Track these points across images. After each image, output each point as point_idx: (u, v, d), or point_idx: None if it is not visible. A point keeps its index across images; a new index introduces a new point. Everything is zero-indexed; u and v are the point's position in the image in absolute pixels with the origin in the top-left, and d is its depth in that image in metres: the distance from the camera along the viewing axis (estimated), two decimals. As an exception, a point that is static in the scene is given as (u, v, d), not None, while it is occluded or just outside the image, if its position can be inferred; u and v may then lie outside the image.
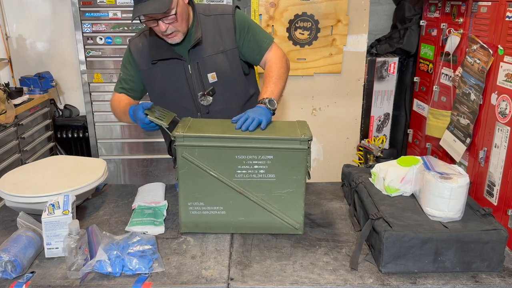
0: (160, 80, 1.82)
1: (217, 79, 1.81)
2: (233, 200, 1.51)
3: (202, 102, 1.82)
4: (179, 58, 1.78)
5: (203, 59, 1.78)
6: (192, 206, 1.52)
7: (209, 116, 1.83)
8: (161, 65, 1.80)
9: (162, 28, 1.64)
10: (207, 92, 1.80)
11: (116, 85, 1.92)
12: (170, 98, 1.84)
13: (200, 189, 1.51)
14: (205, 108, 1.83)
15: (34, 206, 1.57)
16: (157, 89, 1.85)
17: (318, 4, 3.24)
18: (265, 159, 1.47)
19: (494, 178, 2.31)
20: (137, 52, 1.83)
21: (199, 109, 1.84)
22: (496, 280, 1.31)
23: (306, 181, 1.52)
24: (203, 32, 1.77)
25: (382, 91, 3.51)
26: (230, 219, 1.54)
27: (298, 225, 1.54)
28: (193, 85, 1.81)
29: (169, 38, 1.70)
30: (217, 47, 1.79)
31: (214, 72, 1.79)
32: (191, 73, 1.79)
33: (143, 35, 1.84)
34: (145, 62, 1.82)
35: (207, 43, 1.78)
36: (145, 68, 1.82)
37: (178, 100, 1.83)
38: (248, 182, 1.50)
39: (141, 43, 1.83)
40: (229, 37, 1.79)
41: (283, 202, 1.52)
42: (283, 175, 1.49)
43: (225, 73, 1.80)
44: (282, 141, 1.46)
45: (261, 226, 1.55)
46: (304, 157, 1.47)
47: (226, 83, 1.82)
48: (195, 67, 1.79)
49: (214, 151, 1.47)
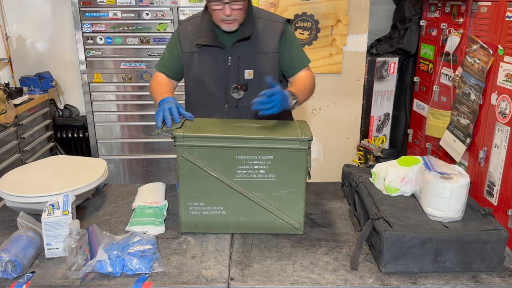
0: (199, 65, 1.87)
1: (253, 77, 1.86)
2: (233, 200, 1.51)
3: (234, 95, 1.86)
4: (222, 48, 1.83)
5: (245, 55, 1.84)
6: (192, 206, 1.52)
7: (237, 111, 1.87)
8: (204, 51, 1.85)
9: (227, 11, 1.70)
10: (241, 86, 1.85)
11: (158, 63, 1.99)
12: (203, 84, 1.88)
13: (200, 189, 1.51)
14: (234, 102, 1.87)
15: (34, 206, 1.57)
16: (194, 73, 1.89)
17: (318, 4, 3.24)
18: (265, 159, 1.47)
19: (494, 178, 2.31)
20: (184, 34, 1.89)
21: (228, 101, 1.87)
22: (496, 280, 1.31)
23: (307, 181, 1.52)
24: (253, 30, 1.83)
25: (382, 91, 3.51)
26: (230, 219, 1.54)
27: (298, 225, 1.54)
28: (229, 77, 1.85)
29: (227, 24, 1.75)
30: (261, 48, 1.85)
31: (252, 70, 1.85)
32: (229, 64, 1.84)
33: (193, 20, 1.91)
34: (189, 44, 1.87)
35: (253, 41, 1.84)
36: (188, 50, 1.88)
37: (210, 88, 1.87)
38: (248, 182, 1.50)
39: (190, 27, 1.90)
40: (274, 42, 1.86)
41: (283, 202, 1.52)
42: (283, 175, 1.49)
43: (262, 73, 1.84)
44: (282, 141, 1.46)
45: (261, 226, 1.55)
46: (305, 157, 1.47)
47: (260, 82, 1.85)
48: (235, 60, 1.84)
49: (214, 151, 1.47)
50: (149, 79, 3.35)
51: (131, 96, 3.42)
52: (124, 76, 3.36)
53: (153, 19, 3.23)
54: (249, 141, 1.46)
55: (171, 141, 1.51)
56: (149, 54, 3.31)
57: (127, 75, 3.36)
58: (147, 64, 3.33)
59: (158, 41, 3.28)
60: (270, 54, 1.86)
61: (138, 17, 3.23)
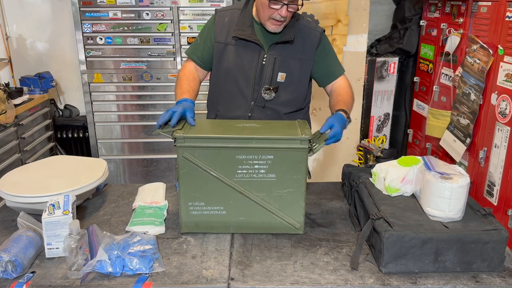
0: (232, 57, 1.85)
1: (285, 80, 1.86)
2: (234, 200, 1.51)
3: (265, 95, 1.86)
4: (260, 46, 1.82)
5: (281, 57, 1.84)
6: (193, 206, 1.52)
7: (263, 111, 1.88)
8: (239, 45, 1.84)
9: (283, 13, 1.70)
10: (274, 88, 1.85)
11: (189, 49, 1.97)
12: (233, 78, 1.87)
13: (200, 189, 1.51)
14: (262, 101, 1.87)
15: (34, 206, 1.57)
16: (225, 65, 1.87)
17: (318, 4, 3.24)
18: (265, 159, 1.47)
19: (494, 178, 2.31)
20: (220, 24, 1.87)
21: (254, 99, 1.87)
22: (497, 280, 1.31)
23: (307, 181, 1.52)
24: (294, 36, 1.83)
25: (382, 91, 3.51)
26: (230, 219, 1.54)
27: (298, 224, 1.54)
28: (260, 76, 1.85)
29: (275, 25, 1.75)
30: (298, 54, 1.86)
31: (285, 73, 1.86)
32: (264, 63, 1.84)
33: (232, 12, 1.89)
34: (224, 35, 1.85)
35: (291, 46, 1.84)
36: (222, 41, 1.86)
37: (239, 83, 1.87)
38: (249, 182, 1.50)
39: (227, 17, 1.87)
40: (310, 50, 1.87)
41: (283, 202, 1.52)
42: (283, 175, 1.49)
43: (294, 79, 1.87)
44: (282, 141, 1.46)
45: (261, 226, 1.55)
46: (305, 157, 1.47)
47: (290, 87, 1.88)
48: (271, 61, 1.83)
49: (215, 152, 1.47)
50: (149, 79, 3.35)
51: (131, 96, 3.42)
52: (124, 76, 3.36)
53: (153, 19, 3.23)
54: (249, 141, 1.46)
55: (171, 141, 1.51)
56: (149, 54, 3.31)
57: (127, 75, 3.36)
58: (147, 64, 3.33)
59: (158, 41, 3.28)
60: (305, 61, 1.87)
61: (138, 17, 3.23)
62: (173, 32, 3.26)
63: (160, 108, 3.42)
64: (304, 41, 1.86)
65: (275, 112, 1.89)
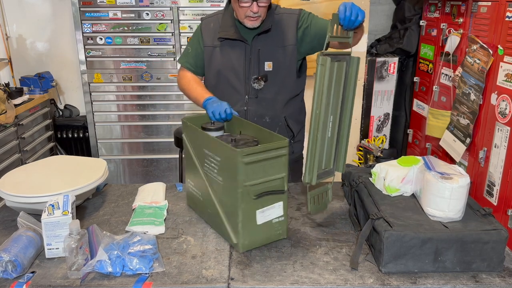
0: (220, 58, 1.95)
1: (272, 68, 1.93)
2: (204, 190, 1.57)
3: (254, 85, 1.93)
4: (244, 41, 1.91)
5: (265, 47, 1.91)
6: (189, 182, 1.66)
7: (256, 102, 1.95)
8: (225, 45, 1.93)
9: (254, 9, 1.79)
10: (262, 77, 1.91)
11: (181, 58, 2.07)
12: (224, 77, 1.96)
13: (192, 170, 1.60)
14: (254, 93, 1.94)
15: (34, 206, 1.57)
16: (215, 67, 1.97)
17: (318, 4, 3.24)
18: (216, 160, 1.46)
19: (494, 178, 2.31)
20: (206, 29, 1.98)
21: (248, 92, 1.95)
22: (496, 280, 1.31)
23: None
24: (272, 24, 1.91)
25: (382, 91, 3.51)
26: (205, 209, 1.60)
27: (235, 240, 1.44)
28: (249, 69, 1.93)
29: (251, 21, 1.84)
30: (280, 42, 1.93)
31: (271, 62, 1.93)
32: (250, 57, 1.92)
33: (216, 16, 2.00)
34: (211, 39, 1.96)
35: (272, 35, 1.92)
36: (210, 45, 1.96)
37: (231, 80, 1.95)
38: (210, 177, 1.51)
39: (213, 23, 1.98)
40: (291, 33, 1.92)
41: (226, 208, 1.46)
42: (227, 180, 1.43)
43: (281, 66, 1.94)
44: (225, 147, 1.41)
45: (218, 225, 1.53)
46: (241, 166, 1.34)
47: (279, 74, 1.94)
48: (256, 53, 1.92)
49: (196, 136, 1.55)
50: (149, 79, 3.35)
51: (131, 96, 3.43)
52: (124, 76, 3.36)
53: (153, 19, 3.24)
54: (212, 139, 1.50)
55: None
56: (149, 54, 3.32)
57: (127, 75, 3.36)
58: (147, 64, 3.34)
59: (158, 41, 3.29)
60: (288, 47, 1.92)
61: (138, 17, 3.24)
62: (173, 32, 3.27)
63: (160, 108, 3.42)
64: (285, 28, 1.92)
65: (270, 102, 1.95)
